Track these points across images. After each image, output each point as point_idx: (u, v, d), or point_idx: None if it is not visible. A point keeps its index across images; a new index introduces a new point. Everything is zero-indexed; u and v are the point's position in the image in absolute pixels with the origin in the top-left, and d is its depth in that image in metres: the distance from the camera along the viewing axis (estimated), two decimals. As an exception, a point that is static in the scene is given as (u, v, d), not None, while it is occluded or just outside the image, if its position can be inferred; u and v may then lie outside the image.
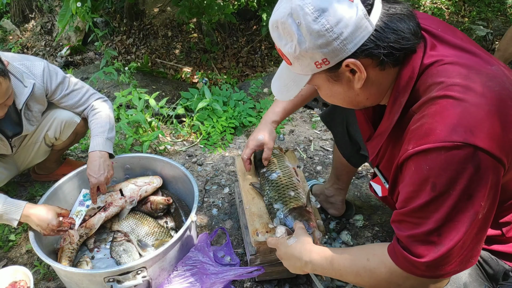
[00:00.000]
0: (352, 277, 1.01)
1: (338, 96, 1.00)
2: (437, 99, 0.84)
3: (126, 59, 4.71)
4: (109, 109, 1.93)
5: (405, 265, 0.90)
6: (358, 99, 0.99)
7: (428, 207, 0.84)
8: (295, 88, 1.01)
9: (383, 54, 0.87)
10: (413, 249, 0.87)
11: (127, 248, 1.74)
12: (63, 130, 1.94)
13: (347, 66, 0.89)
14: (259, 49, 4.92)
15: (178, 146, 2.68)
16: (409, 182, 0.87)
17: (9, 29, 5.53)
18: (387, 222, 1.98)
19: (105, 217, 1.82)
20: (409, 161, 0.86)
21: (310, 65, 0.91)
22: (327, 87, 0.98)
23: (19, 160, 2.02)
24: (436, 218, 0.83)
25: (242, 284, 1.67)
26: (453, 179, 0.80)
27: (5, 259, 1.85)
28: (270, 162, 1.67)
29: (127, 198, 1.87)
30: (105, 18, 4.94)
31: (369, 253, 0.99)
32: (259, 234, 1.46)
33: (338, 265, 1.03)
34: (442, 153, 0.80)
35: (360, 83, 0.91)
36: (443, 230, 0.83)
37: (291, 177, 1.58)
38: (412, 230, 0.87)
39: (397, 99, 0.94)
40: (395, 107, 0.95)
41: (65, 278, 1.54)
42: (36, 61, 1.75)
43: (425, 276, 0.88)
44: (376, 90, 0.96)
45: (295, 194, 1.49)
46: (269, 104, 3.00)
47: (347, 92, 0.96)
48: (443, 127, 0.81)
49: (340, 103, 1.03)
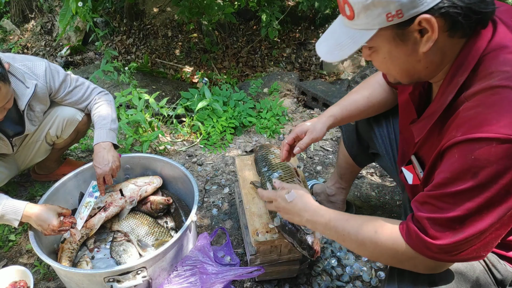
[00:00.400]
0: (355, 245, 1.01)
1: (397, 61, 0.92)
2: (498, 88, 0.80)
3: (126, 59, 4.72)
4: (111, 102, 1.95)
5: (417, 244, 0.89)
6: (417, 68, 0.92)
7: (463, 195, 0.82)
8: (352, 46, 0.90)
9: (460, 15, 0.80)
10: (430, 231, 0.86)
11: (127, 248, 1.74)
12: (64, 128, 1.94)
13: (419, 24, 0.82)
14: (259, 49, 4.92)
15: (178, 146, 2.68)
16: (449, 169, 0.84)
17: (9, 29, 5.53)
18: (387, 222, 1.98)
19: (105, 217, 1.82)
20: (454, 148, 0.83)
21: (380, 16, 0.83)
22: (388, 49, 0.90)
23: (19, 159, 2.02)
24: (467, 207, 0.81)
25: (242, 284, 1.67)
26: (499, 173, 0.77)
27: (5, 259, 1.85)
28: (271, 162, 1.67)
29: (127, 198, 1.87)
30: (105, 18, 4.94)
31: (377, 225, 0.98)
32: (259, 234, 1.46)
33: (343, 230, 1.03)
34: (493, 145, 0.77)
35: (428, 45, 0.84)
36: (469, 220, 0.82)
37: (292, 177, 1.58)
38: (435, 213, 0.86)
39: (454, 78, 0.89)
40: (450, 86, 0.90)
41: (65, 278, 1.54)
42: (37, 61, 1.76)
43: (435, 258, 0.88)
44: (439, 59, 0.90)
45: None
46: (268, 104, 3.00)
47: (409, 56, 0.89)
48: (500, 119, 0.77)
49: (394, 71, 0.96)
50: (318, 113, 3.16)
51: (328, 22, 5.11)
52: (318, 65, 4.81)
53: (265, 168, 1.65)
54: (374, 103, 1.41)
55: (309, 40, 5.03)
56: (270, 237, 1.45)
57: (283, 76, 3.69)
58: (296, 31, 5.11)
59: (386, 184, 2.26)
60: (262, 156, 1.75)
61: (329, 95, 3.21)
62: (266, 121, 2.86)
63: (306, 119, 3.06)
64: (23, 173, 2.34)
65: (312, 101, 3.32)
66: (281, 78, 3.64)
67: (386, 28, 0.85)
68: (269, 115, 2.90)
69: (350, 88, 3.86)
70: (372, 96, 1.41)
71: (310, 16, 5.08)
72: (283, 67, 4.73)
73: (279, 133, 2.78)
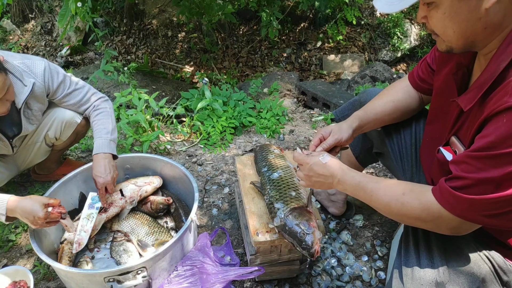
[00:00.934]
0: (381, 205, 1.04)
1: (457, 18, 0.90)
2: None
3: (126, 59, 4.72)
4: (111, 109, 1.94)
5: (447, 200, 0.91)
6: (475, 27, 0.90)
7: (504, 159, 0.81)
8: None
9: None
10: (467, 189, 0.87)
11: (127, 248, 1.74)
12: (63, 130, 1.94)
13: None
14: (259, 49, 4.92)
15: (178, 146, 2.68)
16: (494, 132, 0.84)
17: (9, 29, 5.53)
18: (387, 222, 1.99)
19: (106, 217, 1.82)
20: (503, 113, 0.82)
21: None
22: (450, 3, 0.88)
23: (19, 160, 2.02)
24: (507, 171, 0.81)
25: (242, 284, 1.67)
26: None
27: (5, 259, 1.85)
28: (271, 162, 1.68)
29: (127, 198, 1.87)
30: (105, 18, 4.94)
31: (406, 188, 1.01)
32: (259, 234, 1.46)
33: (371, 191, 1.06)
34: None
35: (492, 1, 0.83)
36: (505, 184, 0.82)
37: (292, 177, 1.58)
38: (472, 173, 0.86)
39: (510, 46, 0.88)
40: (505, 54, 0.89)
41: (65, 278, 1.54)
42: (37, 60, 1.75)
43: (462, 216, 0.89)
44: (498, 21, 0.88)
45: (296, 194, 1.49)
46: (268, 104, 3.00)
47: (471, 12, 0.87)
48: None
49: (453, 30, 0.93)
50: (318, 113, 3.16)
51: (328, 22, 5.12)
52: (318, 65, 4.81)
53: (265, 168, 1.66)
54: (399, 107, 1.41)
55: (309, 40, 5.03)
56: (270, 237, 1.45)
57: (283, 76, 3.69)
58: (296, 31, 5.11)
59: (386, 184, 2.26)
60: (262, 156, 1.76)
61: (329, 95, 3.21)
62: (266, 121, 2.86)
63: (306, 119, 3.06)
64: (23, 173, 2.34)
65: (312, 101, 3.33)
66: (281, 78, 3.64)
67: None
68: (269, 115, 2.90)
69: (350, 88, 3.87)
70: (398, 100, 1.41)
71: (310, 16, 5.08)
72: (283, 67, 4.74)
73: (279, 133, 2.78)
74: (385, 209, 1.05)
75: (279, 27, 4.10)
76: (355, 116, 1.42)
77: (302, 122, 3.01)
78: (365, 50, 5.14)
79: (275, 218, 1.43)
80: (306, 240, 1.31)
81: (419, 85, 1.38)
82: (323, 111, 3.19)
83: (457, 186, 0.90)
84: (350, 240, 1.87)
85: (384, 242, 1.87)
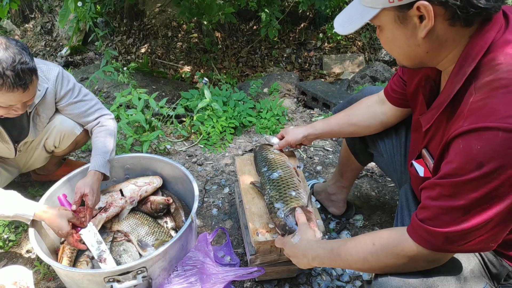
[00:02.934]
0: (360, 264, 1.02)
1: (398, 43, 0.96)
2: (506, 80, 0.80)
3: (126, 59, 4.72)
4: (115, 129, 1.91)
5: (421, 236, 0.89)
6: (417, 51, 0.95)
7: (467, 185, 0.81)
8: (358, 21, 0.96)
9: (457, 6, 0.82)
10: (435, 219, 0.86)
11: (127, 248, 1.74)
12: (62, 140, 1.92)
13: (418, 9, 0.85)
14: (259, 49, 4.92)
15: (178, 146, 2.68)
16: (454, 159, 0.84)
17: (9, 29, 5.53)
18: (387, 222, 1.99)
19: (106, 217, 1.82)
20: (460, 138, 0.83)
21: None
22: (391, 29, 0.94)
23: (20, 163, 2.02)
24: (472, 197, 0.81)
25: (242, 284, 1.67)
26: (505, 164, 0.76)
27: (5, 259, 1.86)
28: (271, 162, 1.68)
29: (127, 199, 1.87)
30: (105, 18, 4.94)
31: (374, 238, 1.00)
32: (259, 234, 1.46)
33: (345, 255, 1.04)
34: (499, 134, 0.76)
35: (425, 31, 0.88)
36: (474, 210, 0.81)
37: (292, 177, 1.58)
38: (439, 201, 0.86)
39: (462, 68, 0.90)
40: (458, 76, 0.91)
41: (65, 278, 1.54)
42: (52, 66, 1.75)
43: (441, 249, 0.88)
44: (439, 46, 0.92)
45: (296, 194, 1.49)
46: (268, 104, 3.00)
47: (409, 39, 0.93)
48: (507, 109, 0.77)
49: (397, 52, 1.00)
50: (318, 113, 3.16)
51: (328, 22, 5.11)
52: (318, 65, 4.81)
53: (265, 168, 1.66)
54: (356, 123, 1.52)
55: (309, 40, 5.03)
56: (270, 237, 1.45)
57: (283, 76, 3.69)
58: (296, 31, 5.11)
59: (386, 184, 2.26)
60: (262, 156, 1.75)
61: (329, 95, 3.21)
62: (266, 121, 2.86)
63: (306, 119, 3.06)
64: (23, 173, 2.34)
65: (312, 101, 3.32)
66: (281, 78, 3.65)
67: (389, 9, 0.90)
68: (269, 115, 2.90)
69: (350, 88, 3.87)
70: (356, 117, 1.52)
71: (310, 16, 5.08)
72: (283, 67, 4.74)
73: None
74: (366, 267, 1.01)
75: (278, 27, 4.10)
76: (312, 125, 1.64)
77: (302, 122, 3.01)
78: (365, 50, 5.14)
79: (275, 218, 1.43)
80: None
81: (392, 97, 1.40)
82: (323, 111, 3.19)
83: (427, 217, 0.89)
84: (350, 240, 1.87)
85: (384, 242, 1.87)
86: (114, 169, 2.00)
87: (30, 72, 1.45)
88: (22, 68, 1.41)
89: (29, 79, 1.45)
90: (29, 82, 1.45)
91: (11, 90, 1.42)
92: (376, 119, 1.48)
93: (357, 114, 1.52)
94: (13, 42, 1.43)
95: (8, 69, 1.38)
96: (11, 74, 1.39)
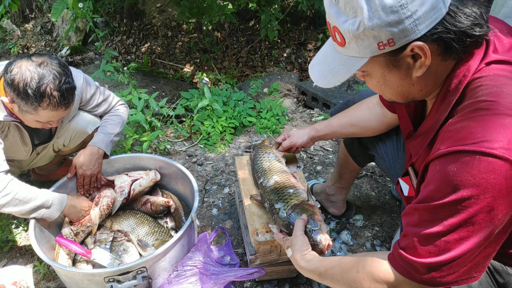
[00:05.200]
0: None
1: (391, 85, 0.92)
2: (485, 103, 0.78)
3: (126, 59, 4.72)
4: (125, 115, 1.98)
5: (402, 267, 0.86)
6: (411, 90, 0.92)
7: (444, 209, 0.79)
8: (344, 73, 0.90)
9: (452, 40, 0.80)
10: (416, 249, 0.83)
11: (127, 248, 1.74)
12: (73, 139, 1.93)
13: (411, 50, 0.82)
14: (259, 49, 4.92)
15: (178, 146, 2.68)
16: (431, 182, 0.82)
17: (9, 29, 5.53)
18: (387, 222, 1.99)
19: (100, 210, 1.79)
20: (436, 160, 0.81)
21: (371, 45, 0.83)
22: (381, 74, 0.90)
23: (24, 162, 2.02)
24: (450, 223, 0.78)
25: (242, 284, 1.67)
26: (481, 187, 0.74)
27: (5, 259, 1.86)
28: (266, 171, 1.62)
29: (116, 188, 1.86)
30: (105, 18, 4.94)
31: (359, 264, 0.96)
32: (259, 234, 1.46)
33: (330, 277, 1.03)
34: (476, 157, 0.74)
35: (422, 70, 0.84)
36: (452, 238, 0.78)
37: (288, 178, 1.56)
38: (419, 227, 0.83)
39: (447, 97, 0.88)
40: (443, 105, 0.88)
41: (65, 278, 1.54)
42: (76, 72, 1.76)
43: (424, 281, 0.84)
44: (433, 82, 0.89)
45: (294, 190, 1.46)
46: (268, 104, 3.00)
47: (403, 80, 0.89)
48: (485, 133, 0.75)
49: (389, 93, 0.96)
50: (318, 113, 3.16)
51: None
52: (318, 65, 4.81)
53: (261, 179, 1.61)
54: (357, 124, 1.52)
55: (309, 40, 5.03)
56: (270, 237, 1.45)
57: (283, 76, 3.69)
58: (296, 31, 5.10)
59: (386, 184, 2.26)
60: (257, 165, 1.69)
61: (329, 95, 3.20)
62: (266, 121, 2.86)
63: (306, 119, 3.06)
64: (23, 173, 2.34)
65: (312, 101, 3.32)
66: (281, 78, 3.64)
67: (377, 56, 0.85)
68: (269, 115, 2.90)
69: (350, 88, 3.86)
70: (357, 118, 1.52)
71: (310, 16, 5.08)
72: (283, 67, 4.73)
73: (279, 133, 2.78)
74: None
75: (278, 27, 4.10)
76: (314, 127, 1.65)
77: (302, 122, 3.01)
78: (365, 50, 5.12)
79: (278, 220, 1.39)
80: (313, 237, 1.24)
81: (387, 105, 1.40)
82: (323, 111, 3.19)
83: (407, 246, 0.85)
84: (350, 240, 1.87)
85: (384, 242, 1.87)
86: (114, 169, 2.01)
87: (72, 91, 1.53)
88: (66, 88, 1.48)
89: (71, 98, 1.53)
90: (71, 100, 1.53)
91: (55, 109, 1.49)
92: (378, 120, 1.47)
93: (358, 116, 1.51)
94: (55, 61, 1.49)
95: (55, 89, 1.45)
96: (57, 95, 1.46)
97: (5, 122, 1.60)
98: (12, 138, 1.68)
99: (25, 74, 1.41)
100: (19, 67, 1.42)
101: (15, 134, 1.68)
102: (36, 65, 1.43)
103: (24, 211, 1.51)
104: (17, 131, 1.68)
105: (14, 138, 1.69)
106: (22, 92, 1.42)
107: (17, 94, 1.43)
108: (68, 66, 1.55)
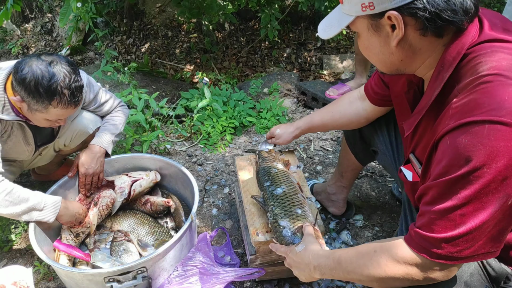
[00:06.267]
0: (359, 272, 0.97)
1: (374, 50, 0.98)
2: (488, 77, 0.81)
3: (126, 59, 4.72)
4: (125, 116, 2.00)
5: (420, 245, 0.87)
6: (392, 59, 0.97)
7: (458, 183, 0.79)
8: (336, 27, 1.00)
9: (425, 18, 0.84)
10: (430, 225, 0.84)
11: (127, 248, 1.74)
12: (73, 138, 1.93)
13: (389, 19, 0.88)
14: (259, 49, 4.92)
15: (178, 146, 2.68)
16: (442, 157, 0.83)
17: (9, 29, 5.53)
18: (387, 222, 1.99)
19: (100, 211, 1.79)
20: (446, 136, 0.83)
21: (357, 5, 0.91)
22: (366, 36, 0.97)
23: (25, 162, 2.02)
24: (464, 195, 0.79)
25: (242, 284, 1.67)
26: (493, 155, 0.75)
27: (5, 259, 1.86)
28: (275, 176, 1.59)
29: (116, 189, 1.86)
30: (105, 18, 4.94)
31: (376, 246, 0.97)
32: (259, 234, 1.46)
33: (345, 261, 1.00)
34: (485, 126, 0.75)
35: (396, 41, 0.90)
36: (468, 210, 0.79)
37: (296, 193, 1.50)
38: (434, 204, 0.84)
39: (440, 74, 0.91)
40: (437, 82, 0.92)
41: (65, 278, 1.54)
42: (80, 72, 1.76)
43: (441, 257, 0.84)
44: (412, 54, 0.94)
45: (302, 212, 1.41)
46: (268, 104, 3.00)
47: (383, 47, 0.95)
48: (492, 102, 0.77)
49: (374, 59, 1.02)
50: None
51: (328, 22, 5.09)
52: (318, 65, 4.81)
53: (268, 183, 1.57)
54: (338, 118, 1.59)
55: (309, 40, 5.02)
56: (270, 237, 1.45)
57: (283, 76, 3.69)
58: (296, 31, 5.10)
59: (386, 184, 2.26)
60: (264, 170, 1.66)
61: (329, 95, 3.20)
62: (266, 121, 2.86)
63: (306, 119, 3.06)
64: (23, 173, 2.35)
65: (312, 101, 3.32)
66: (281, 78, 3.64)
67: (363, 17, 0.93)
68: (269, 115, 2.90)
69: (350, 88, 3.85)
70: (336, 111, 1.59)
71: (310, 16, 5.08)
72: (283, 67, 4.73)
73: (279, 133, 2.78)
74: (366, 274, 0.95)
75: (278, 27, 4.10)
76: (296, 125, 1.73)
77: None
78: (365, 50, 5.12)
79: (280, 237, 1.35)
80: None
81: (373, 97, 1.44)
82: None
83: (423, 224, 0.86)
84: (350, 240, 1.87)
85: (384, 242, 1.87)
86: (114, 169, 2.01)
87: (81, 89, 1.54)
88: (76, 86, 1.50)
89: (80, 96, 1.55)
90: (80, 99, 1.55)
91: (65, 107, 1.50)
92: (358, 114, 1.53)
93: (339, 111, 1.58)
94: (64, 60, 1.50)
95: (66, 87, 1.46)
96: (68, 93, 1.48)
97: (9, 122, 1.60)
98: (15, 138, 1.68)
99: (36, 73, 1.42)
100: (29, 66, 1.42)
101: (19, 134, 1.68)
102: (47, 64, 1.44)
103: (15, 213, 1.48)
104: (21, 131, 1.68)
105: (17, 138, 1.69)
106: (33, 90, 1.43)
107: (28, 92, 1.44)
108: (76, 65, 1.56)
